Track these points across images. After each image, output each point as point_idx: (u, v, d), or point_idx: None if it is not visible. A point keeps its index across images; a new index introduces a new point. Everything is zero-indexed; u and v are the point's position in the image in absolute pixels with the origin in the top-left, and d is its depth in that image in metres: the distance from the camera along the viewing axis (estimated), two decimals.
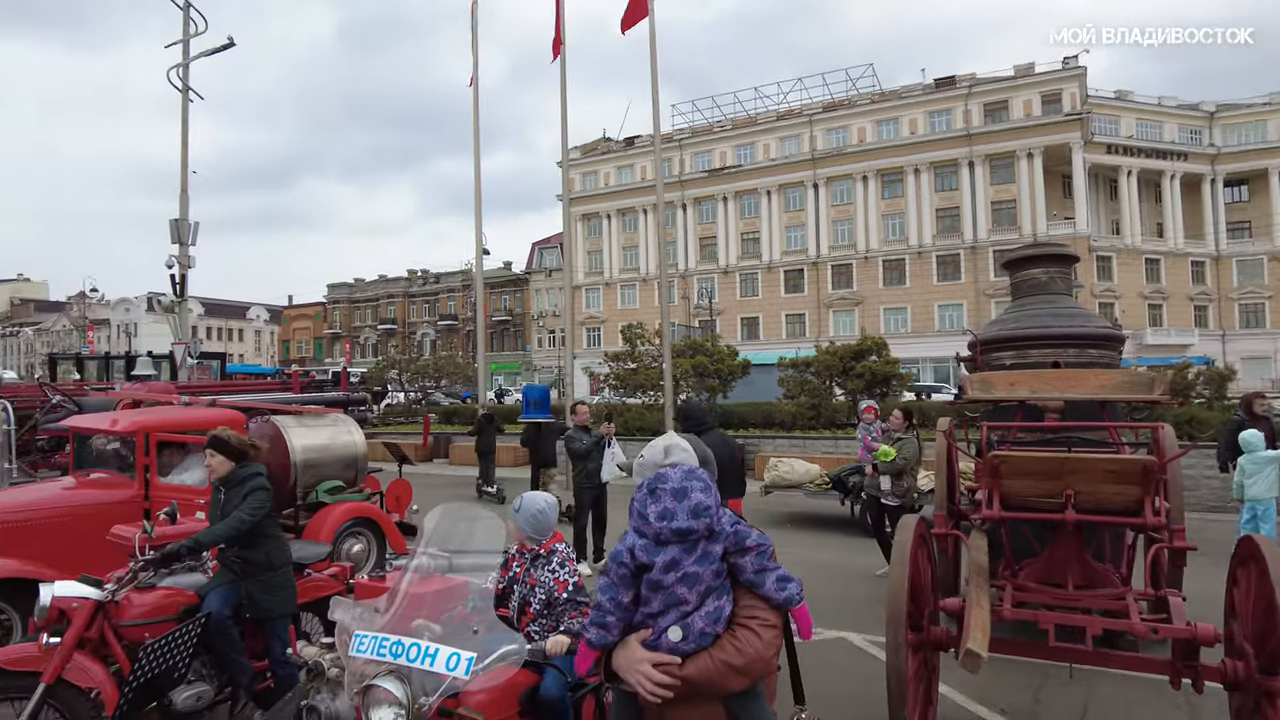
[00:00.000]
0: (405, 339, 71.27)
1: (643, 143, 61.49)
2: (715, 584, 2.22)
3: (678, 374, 18.31)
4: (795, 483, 11.94)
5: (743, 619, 2.22)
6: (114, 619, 3.96)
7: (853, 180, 53.93)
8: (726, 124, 59.93)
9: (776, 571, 2.28)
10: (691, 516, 2.20)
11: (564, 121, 16.49)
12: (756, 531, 2.32)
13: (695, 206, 59.30)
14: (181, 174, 18.06)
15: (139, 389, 8.95)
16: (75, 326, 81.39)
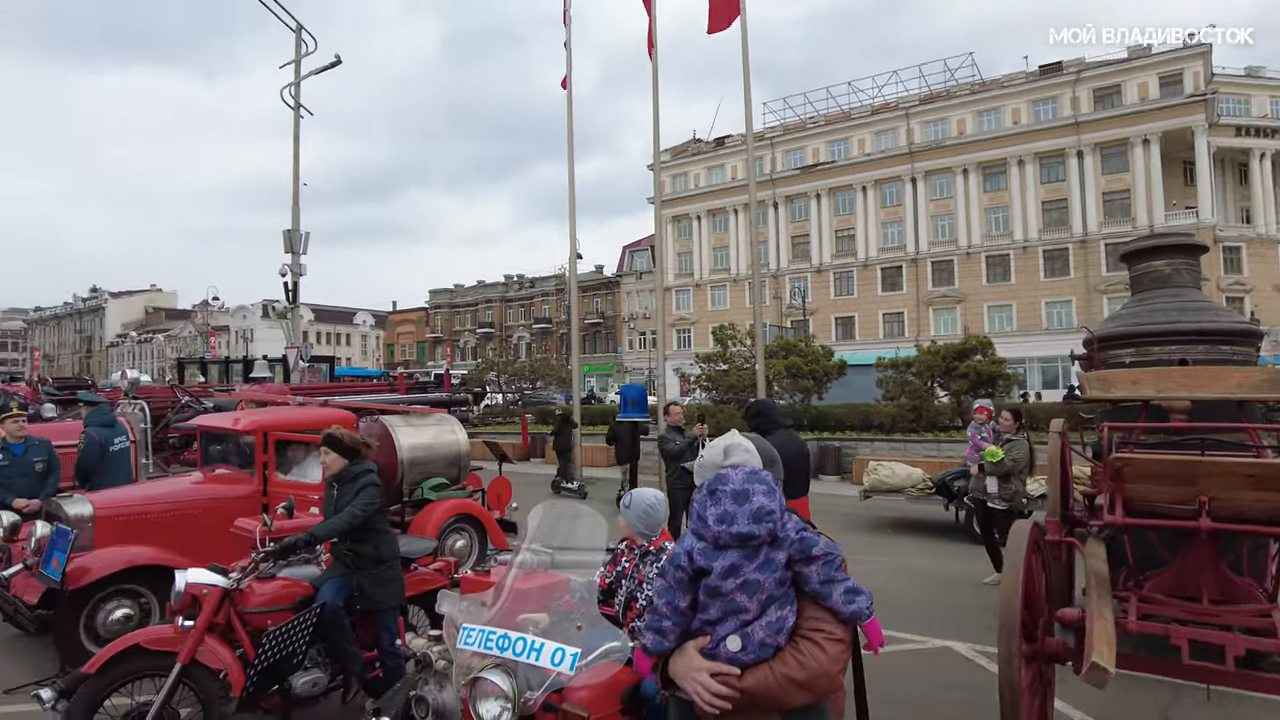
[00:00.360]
0: (502, 342, 73.09)
1: (733, 142, 61.07)
2: (778, 593, 2.11)
3: (771, 375, 18.09)
4: (896, 487, 11.60)
5: (807, 631, 2.10)
6: (239, 606, 4.20)
7: (952, 174, 52.01)
8: (819, 120, 58.85)
9: (845, 583, 2.14)
10: (753, 521, 2.10)
11: (656, 123, 16.54)
12: (824, 539, 2.21)
13: (787, 205, 58.48)
14: (294, 187, 19.07)
15: (257, 390, 9.47)
16: (199, 333, 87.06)
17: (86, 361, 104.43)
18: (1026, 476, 8.40)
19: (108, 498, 6.30)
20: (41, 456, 7.23)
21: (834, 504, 13.98)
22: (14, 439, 7.20)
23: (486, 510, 8.40)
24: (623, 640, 2.82)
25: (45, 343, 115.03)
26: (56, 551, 5.55)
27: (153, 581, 5.79)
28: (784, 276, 57.26)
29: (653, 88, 16.42)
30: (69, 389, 15.09)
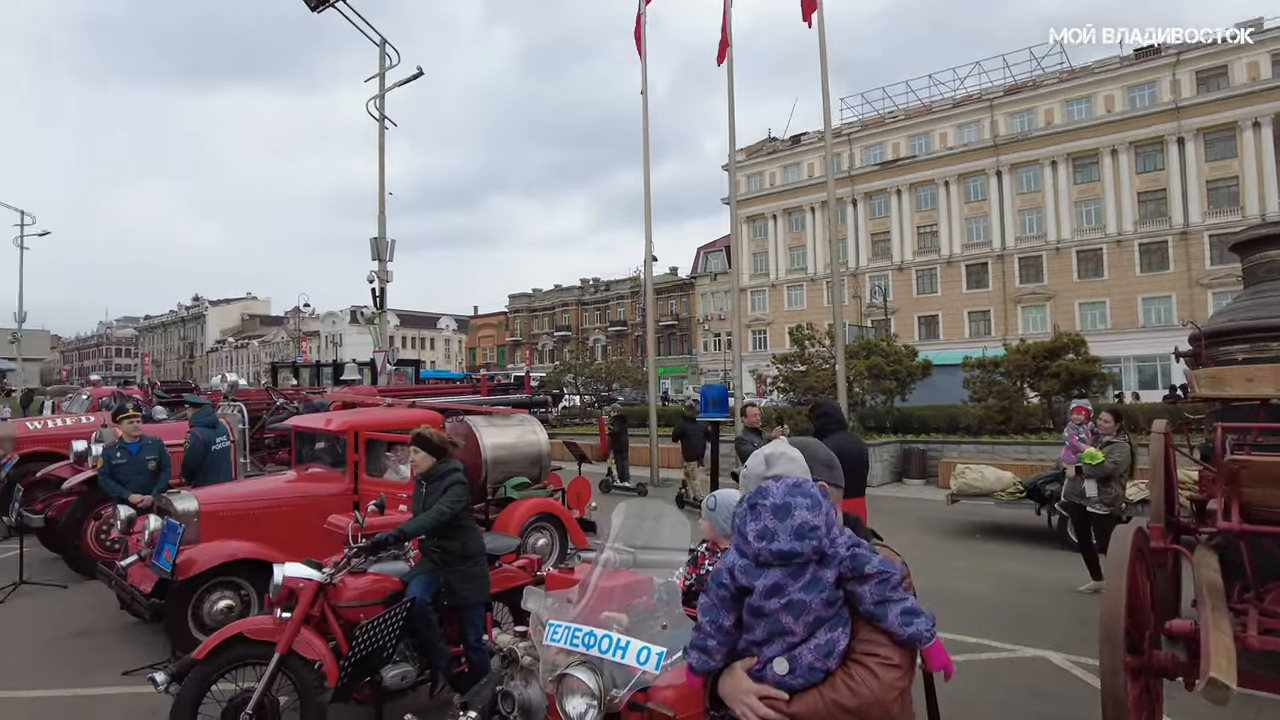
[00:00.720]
0: (579, 344, 73.92)
1: (809, 140, 60.21)
2: (827, 614, 1.95)
3: (851, 376, 17.74)
4: (985, 491, 11.20)
5: (860, 654, 1.95)
6: (332, 599, 4.35)
7: (1040, 166, 49.93)
8: (899, 114, 57.43)
9: (903, 603, 1.95)
10: (794, 538, 1.94)
11: (731, 122, 16.45)
12: (881, 554, 2.04)
13: (866, 201, 57.26)
14: (379, 197, 19.72)
15: (347, 393, 9.81)
16: (291, 338, 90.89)
17: (189, 366, 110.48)
18: (1127, 480, 7.99)
19: (211, 494, 6.63)
20: (154, 455, 7.68)
21: (919, 508, 13.61)
22: (130, 438, 7.68)
23: (567, 509, 8.50)
24: None
25: (153, 349, 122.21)
26: (167, 544, 5.87)
27: (251, 574, 6.08)
28: (864, 275, 56.07)
29: (728, 88, 16.32)
30: (175, 392, 15.99)
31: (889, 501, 14.45)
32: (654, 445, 17.28)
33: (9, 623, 7.02)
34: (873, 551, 2.01)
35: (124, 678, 5.63)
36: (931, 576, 8.66)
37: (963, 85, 55.22)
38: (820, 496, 2.02)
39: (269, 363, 53.66)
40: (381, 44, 19.91)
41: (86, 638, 6.64)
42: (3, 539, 9.88)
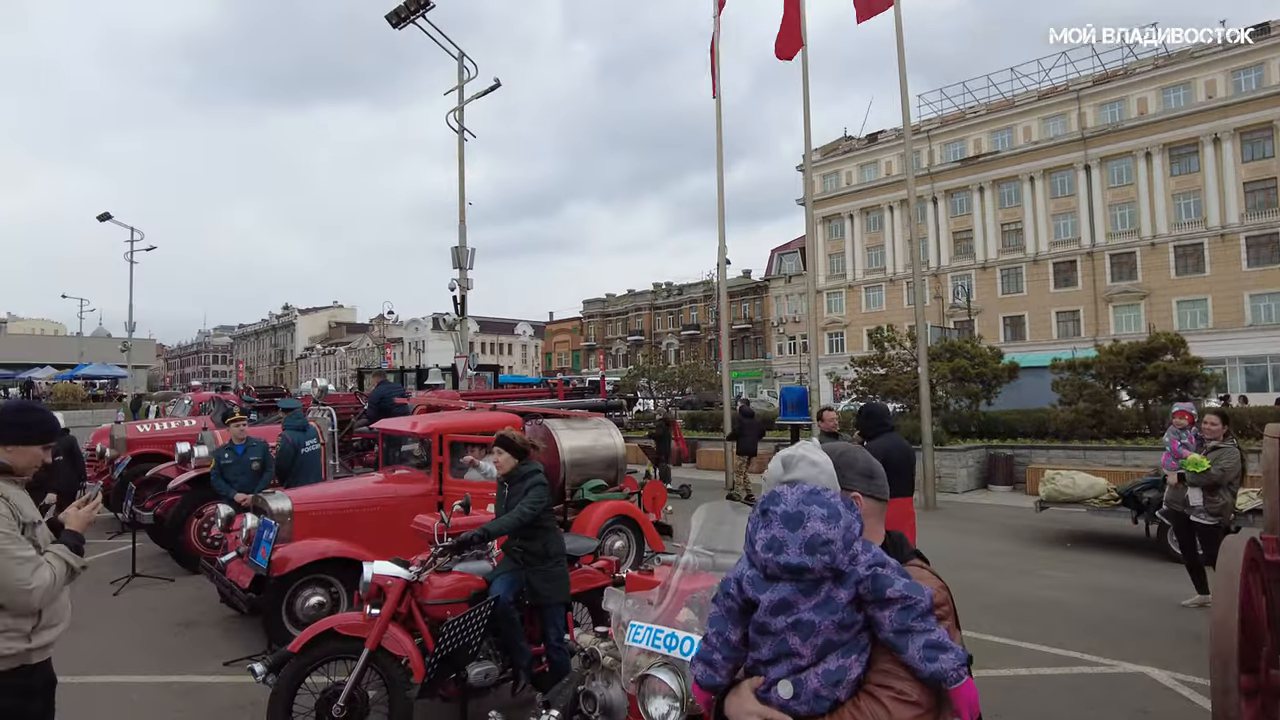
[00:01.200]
0: (652, 349, 74.12)
1: (886, 138, 58.94)
2: (839, 638, 1.76)
3: (934, 379, 17.25)
4: (1076, 498, 10.71)
5: (874, 686, 1.75)
6: (419, 597, 4.47)
7: (1133, 158, 47.50)
8: (980, 109, 55.62)
9: (927, 634, 1.72)
10: (805, 551, 1.75)
11: (806, 120, 16.23)
12: (909, 577, 1.81)
13: (947, 199, 55.63)
14: (459, 206, 20.21)
15: (430, 397, 10.08)
16: (376, 344, 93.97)
17: (280, 372, 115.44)
18: (1236, 488, 7.53)
19: (303, 494, 6.91)
20: (257, 456, 8.10)
21: (1006, 515, 13.14)
22: (237, 440, 8.13)
23: (643, 512, 8.52)
24: None
25: (247, 355, 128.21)
26: (263, 541, 6.15)
27: (341, 572, 6.30)
28: (945, 275, 54.46)
29: (803, 85, 16.13)
30: (268, 397, 16.73)
31: (974, 509, 13.99)
32: (729, 449, 17.18)
33: (124, 612, 7.47)
34: (902, 574, 1.80)
35: (225, 668, 5.92)
36: (1020, 585, 8.35)
37: (1048, 77, 53.10)
38: (841, 507, 1.82)
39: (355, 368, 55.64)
40: (460, 57, 20.42)
41: (191, 629, 7.01)
42: (117, 534, 10.51)
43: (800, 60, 16.07)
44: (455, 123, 20.44)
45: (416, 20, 19.71)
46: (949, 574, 6.81)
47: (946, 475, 15.71)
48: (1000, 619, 7.09)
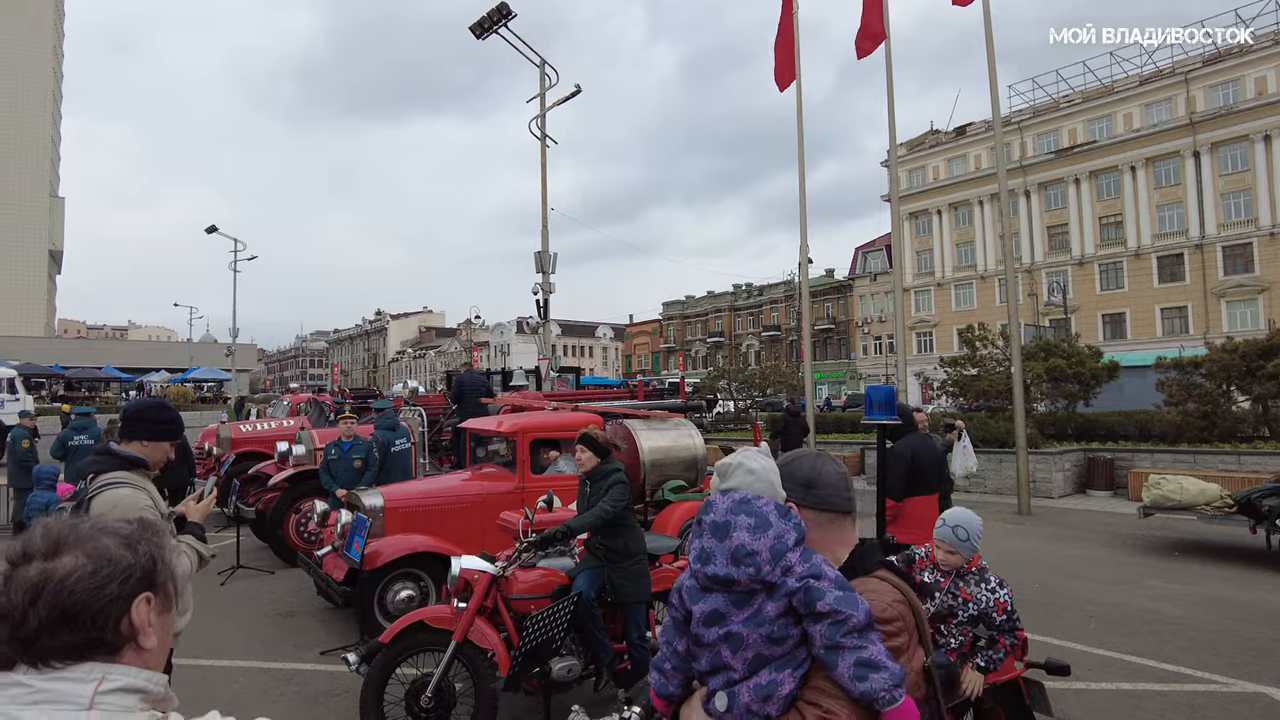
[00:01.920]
0: (732, 350, 73.68)
1: (975, 130, 56.98)
2: (770, 652, 1.67)
3: (1028, 379, 16.56)
4: (1185, 504, 10.09)
5: (803, 703, 1.65)
6: (504, 592, 4.56)
7: (1249, 142, 44.41)
8: (1075, 98, 53.08)
9: (859, 652, 1.60)
10: (730, 562, 1.68)
11: (891, 114, 15.85)
12: (840, 593, 1.67)
13: (1041, 192, 53.33)
14: (542, 212, 20.58)
15: (516, 398, 10.29)
16: (464, 348, 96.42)
17: (373, 375, 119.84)
18: None
19: (394, 491, 7.14)
20: (360, 454, 8.45)
21: (1106, 521, 12.50)
22: (345, 437, 8.49)
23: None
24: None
25: (342, 359, 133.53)
26: (356, 536, 6.38)
27: (430, 566, 6.49)
28: (1039, 271, 52.21)
29: (886, 77, 15.76)
30: (362, 398, 17.41)
31: (1072, 514, 13.36)
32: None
33: (229, 602, 7.88)
34: (842, 586, 1.67)
35: (321, 656, 6.17)
36: (1124, 595, 7.92)
37: (1151, 60, 50.26)
38: (773, 516, 1.73)
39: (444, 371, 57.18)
40: (541, 65, 20.78)
41: (290, 618, 7.34)
42: (222, 528, 11.11)
43: (884, 53, 15.72)
44: (537, 129, 20.81)
45: (499, 30, 20.17)
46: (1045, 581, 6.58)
47: (1041, 479, 15.07)
48: (1104, 631, 6.76)
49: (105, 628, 1.08)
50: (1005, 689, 3.55)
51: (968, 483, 15.31)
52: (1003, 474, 15.40)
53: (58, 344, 70.53)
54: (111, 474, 2.97)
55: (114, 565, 1.09)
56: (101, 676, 1.06)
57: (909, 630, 1.74)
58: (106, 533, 1.13)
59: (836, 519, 1.85)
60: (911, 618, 1.75)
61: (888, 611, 1.71)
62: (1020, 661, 3.71)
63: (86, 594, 1.06)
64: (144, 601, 1.12)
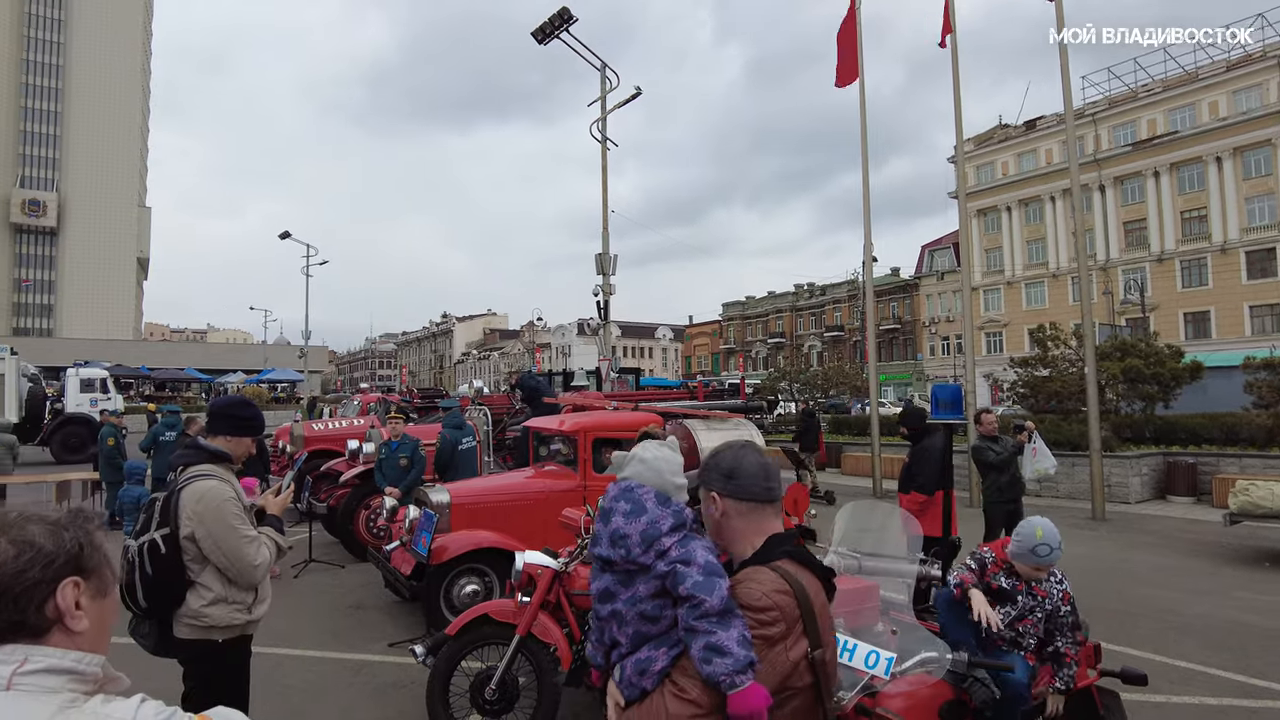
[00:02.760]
0: (793, 351, 72.89)
1: (1046, 123, 55.11)
2: (647, 629, 1.82)
3: (1103, 380, 15.97)
4: (1277, 512, 9.60)
5: (669, 679, 1.78)
6: (567, 587, 4.62)
7: None
8: (1155, 87, 50.86)
9: (708, 637, 1.68)
10: (610, 544, 1.88)
11: (957, 107, 15.49)
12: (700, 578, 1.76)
13: (1117, 187, 51.29)
14: (603, 215, 20.73)
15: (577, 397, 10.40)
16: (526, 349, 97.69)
17: (439, 375, 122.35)
18: None
19: (460, 488, 7.29)
20: (406, 453, 8.64)
21: (1188, 529, 11.96)
22: (394, 437, 8.71)
23: (785, 515, 8.39)
24: (942, 652, 2.65)
25: (410, 360, 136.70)
26: (424, 532, 6.54)
27: (495, 561, 6.61)
28: (1115, 268, 50.26)
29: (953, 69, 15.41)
30: (430, 398, 17.81)
31: (1150, 520, 12.83)
32: (876, 455, 16.62)
33: (301, 594, 8.16)
34: (711, 573, 1.76)
35: (389, 648, 6.35)
36: (1208, 606, 7.58)
37: (1241, 45, 47.64)
38: (650, 503, 1.88)
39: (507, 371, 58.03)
40: (602, 68, 20.94)
41: (359, 611, 7.56)
42: (295, 523, 11.51)
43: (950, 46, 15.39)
44: (599, 133, 20.98)
45: (561, 35, 20.39)
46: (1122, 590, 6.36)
47: (1117, 484, 14.51)
48: (1186, 642, 6.48)
49: (27, 610, 1.11)
50: (1078, 697, 3.45)
51: (1039, 486, 14.85)
52: (1075, 478, 14.88)
53: (144, 347, 74.13)
54: (198, 466, 3.13)
55: (36, 550, 1.12)
56: (24, 658, 1.09)
57: (789, 621, 1.73)
58: (33, 521, 1.16)
59: (756, 508, 1.90)
60: (795, 609, 1.74)
61: (762, 600, 1.73)
62: (1093, 669, 3.60)
63: (7, 578, 1.09)
64: (70, 585, 1.14)
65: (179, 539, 2.98)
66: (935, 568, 3.53)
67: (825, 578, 1.88)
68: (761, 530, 1.90)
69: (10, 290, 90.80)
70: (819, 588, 1.84)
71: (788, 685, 1.72)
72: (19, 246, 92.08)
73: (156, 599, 3.01)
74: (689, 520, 1.92)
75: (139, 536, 3.04)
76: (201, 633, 3.06)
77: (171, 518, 2.99)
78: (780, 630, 1.73)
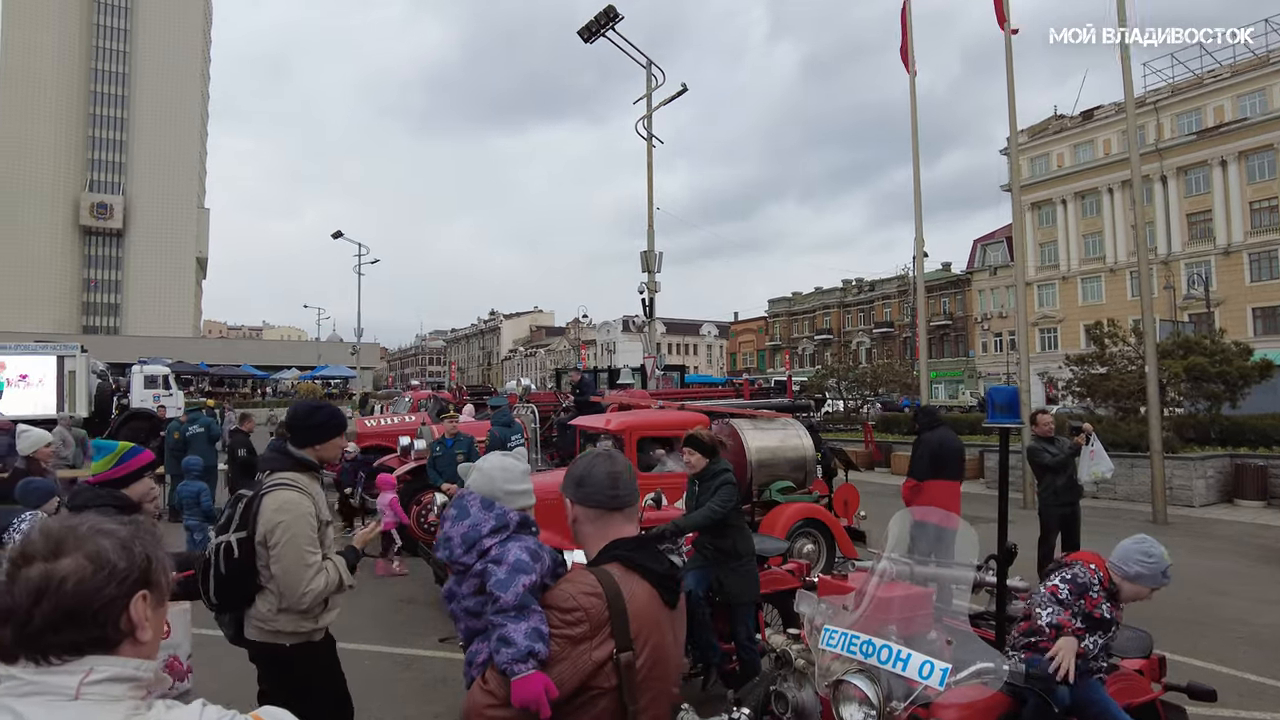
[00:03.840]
0: (841, 348, 72.00)
1: (1104, 113, 53.38)
2: (474, 625, 1.99)
3: (1164, 378, 15.44)
4: None
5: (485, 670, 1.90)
6: None
7: None
8: (1222, 72, 48.91)
9: (500, 629, 1.80)
10: (440, 546, 2.07)
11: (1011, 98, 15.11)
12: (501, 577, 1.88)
13: (1180, 177, 49.46)
14: (648, 212, 20.73)
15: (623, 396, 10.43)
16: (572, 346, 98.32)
17: (487, 372, 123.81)
18: None
19: None
20: (463, 449, 8.76)
21: (1257, 534, 11.52)
22: (448, 435, 8.85)
23: (834, 517, 8.30)
24: (998, 663, 2.59)
25: (458, 357, 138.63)
26: None
27: None
28: (1177, 262, 48.50)
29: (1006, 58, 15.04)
30: (478, 394, 18.03)
31: (1216, 525, 12.38)
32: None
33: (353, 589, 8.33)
34: (508, 571, 1.90)
35: (440, 644, 6.44)
36: (1277, 615, 7.28)
37: None
38: (472, 508, 2.05)
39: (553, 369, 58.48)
40: (648, 66, 20.93)
41: (411, 605, 7.70)
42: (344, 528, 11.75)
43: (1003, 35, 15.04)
44: (644, 130, 20.97)
45: (606, 34, 20.43)
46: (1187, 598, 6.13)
47: (1180, 486, 14.01)
48: (1256, 654, 6.23)
49: (106, 625, 1.14)
50: (1142, 711, 3.34)
51: (1095, 489, 14.44)
52: (1134, 480, 14.42)
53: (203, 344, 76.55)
54: (282, 474, 3.15)
55: (112, 567, 1.15)
56: (89, 668, 1.12)
57: (594, 622, 1.77)
58: (104, 534, 1.18)
59: (603, 514, 1.98)
60: (603, 611, 1.77)
61: (568, 602, 1.80)
62: (1157, 683, 3.48)
63: (88, 595, 1.12)
64: (140, 599, 1.18)
65: (254, 543, 3.03)
66: (991, 574, 3.44)
67: (661, 584, 1.89)
68: (607, 535, 1.95)
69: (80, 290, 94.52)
70: (647, 592, 1.85)
71: (591, 685, 1.76)
72: (88, 248, 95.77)
73: (226, 597, 3.08)
74: (512, 523, 2.06)
75: (219, 535, 3.11)
76: (269, 636, 3.12)
77: (250, 521, 3.04)
78: (584, 631, 1.77)
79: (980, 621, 3.55)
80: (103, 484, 3.42)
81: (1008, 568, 3.35)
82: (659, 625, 1.87)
